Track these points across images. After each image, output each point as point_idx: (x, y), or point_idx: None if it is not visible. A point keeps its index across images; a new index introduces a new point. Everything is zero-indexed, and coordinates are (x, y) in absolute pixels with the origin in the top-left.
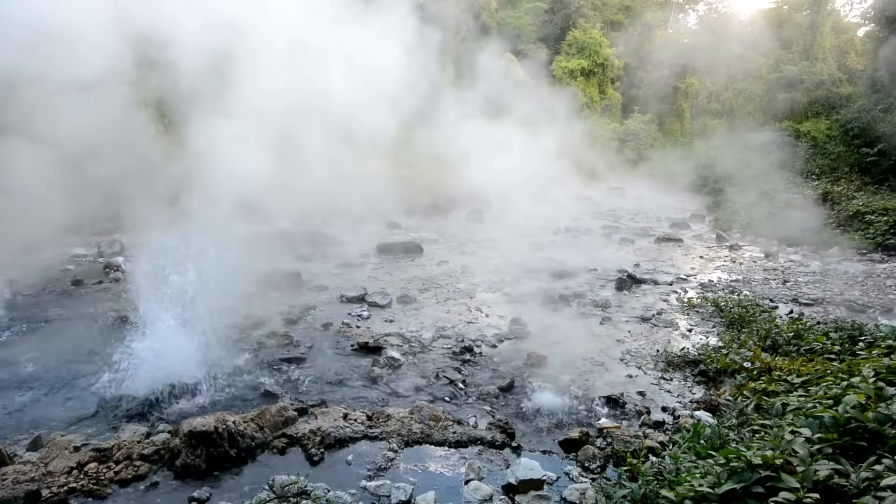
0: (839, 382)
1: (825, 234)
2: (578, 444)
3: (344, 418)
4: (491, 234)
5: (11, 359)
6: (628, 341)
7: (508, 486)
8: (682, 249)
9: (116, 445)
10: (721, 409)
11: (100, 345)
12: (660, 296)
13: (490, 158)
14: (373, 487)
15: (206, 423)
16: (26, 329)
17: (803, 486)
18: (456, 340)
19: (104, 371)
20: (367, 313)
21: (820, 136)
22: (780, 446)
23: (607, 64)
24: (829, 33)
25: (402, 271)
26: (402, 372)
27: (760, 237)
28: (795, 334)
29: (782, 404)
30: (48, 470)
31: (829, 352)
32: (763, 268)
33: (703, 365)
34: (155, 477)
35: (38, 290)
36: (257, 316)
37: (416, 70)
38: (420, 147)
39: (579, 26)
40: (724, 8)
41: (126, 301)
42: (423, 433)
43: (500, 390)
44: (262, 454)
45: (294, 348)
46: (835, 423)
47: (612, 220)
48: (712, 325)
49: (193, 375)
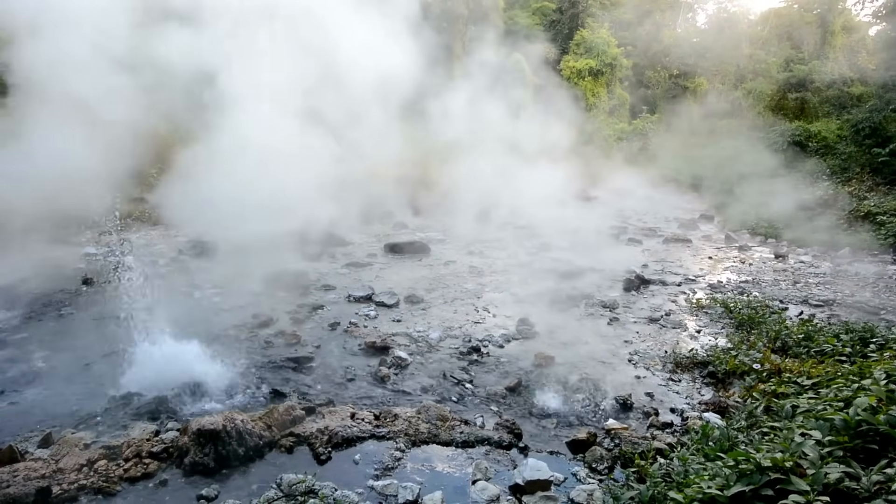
0: (850, 385)
1: (836, 235)
2: (586, 444)
3: (351, 417)
4: (498, 234)
5: (23, 356)
6: (636, 342)
7: (516, 486)
8: (691, 250)
9: (126, 443)
10: (730, 410)
11: (109, 344)
12: (668, 296)
13: (498, 158)
14: (380, 487)
15: (215, 421)
16: (37, 327)
17: (813, 489)
18: (463, 340)
19: (113, 369)
20: (374, 313)
21: (831, 136)
22: (789, 449)
23: (615, 64)
24: (840, 32)
25: (409, 271)
26: (409, 372)
27: (770, 238)
28: (806, 336)
29: (792, 406)
30: (59, 467)
31: (840, 354)
32: (773, 269)
33: (711, 366)
34: (164, 475)
35: (49, 289)
36: (265, 315)
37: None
38: (426, 146)
39: (587, 26)
40: (734, 7)
41: (134, 300)
42: (431, 433)
43: (507, 390)
44: (270, 453)
45: (302, 347)
46: (846, 426)
47: (620, 220)
48: (721, 327)
49: (202, 374)
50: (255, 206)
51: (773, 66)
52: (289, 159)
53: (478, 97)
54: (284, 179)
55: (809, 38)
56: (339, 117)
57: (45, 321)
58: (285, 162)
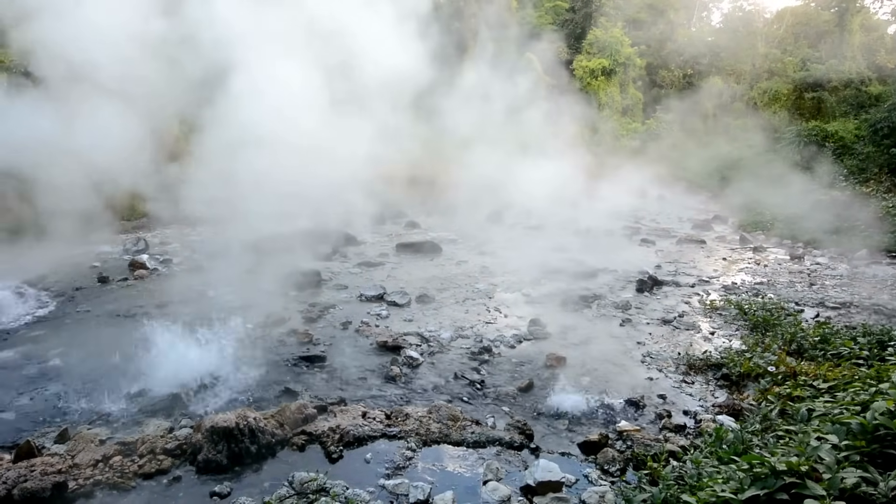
0: (867, 388)
1: (853, 236)
2: (598, 446)
3: (363, 416)
4: (510, 235)
5: (40, 353)
6: (649, 343)
7: (527, 487)
8: (705, 251)
9: (140, 440)
10: (744, 413)
11: (124, 341)
12: (681, 298)
13: (510, 158)
14: (391, 486)
15: (228, 419)
16: (54, 324)
17: (829, 494)
18: (474, 340)
19: (128, 366)
20: (386, 312)
21: (848, 136)
22: (805, 453)
23: (629, 63)
24: (858, 31)
25: (421, 271)
26: (420, 371)
27: (785, 239)
28: (822, 338)
29: (808, 410)
30: (75, 462)
31: (857, 357)
32: (788, 270)
33: (725, 368)
34: (177, 471)
35: (65, 287)
36: (278, 314)
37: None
38: (437, 146)
39: (600, 25)
40: (749, 6)
41: (151, 298)
42: (442, 433)
43: (518, 391)
44: (282, 451)
45: (314, 346)
46: (862, 430)
47: (633, 220)
48: (735, 329)
49: (216, 372)
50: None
51: (789, 65)
52: (304, 157)
53: (489, 97)
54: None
55: (827, 37)
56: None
57: (61, 318)
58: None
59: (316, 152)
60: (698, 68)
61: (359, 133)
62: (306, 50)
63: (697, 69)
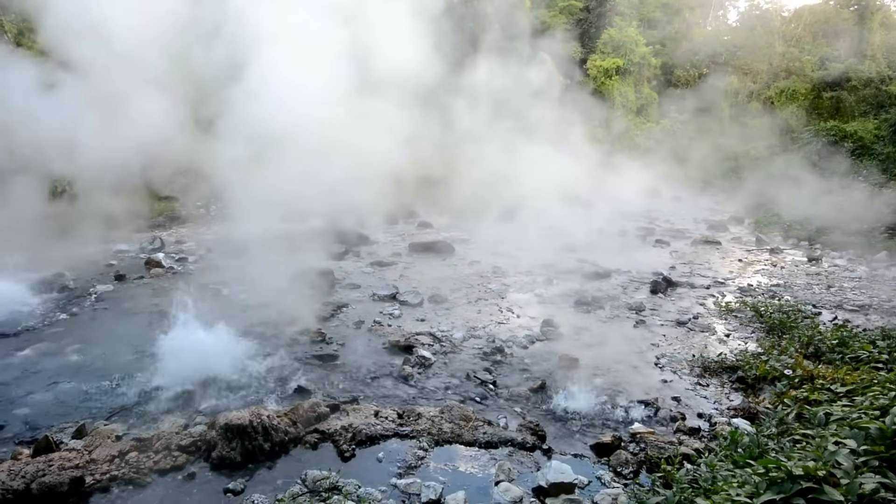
0: (886, 392)
1: (872, 238)
2: (611, 448)
3: (375, 416)
4: (523, 235)
5: (58, 349)
6: (663, 345)
7: (539, 488)
8: (720, 252)
9: (156, 436)
10: (760, 417)
11: (140, 338)
12: (696, 299)
13: (523, 159)
14: (403, 485)
15: (242, 416)
16: (72, 321)
17: (847, 500)
18: (487, 341)
19: (144, 363)
20: (398, 312)
21: (867, 136)
22: (822, 457)
23: (643, 62)
24: (878, 29)
25: (433, 271)
26: (432, 371)
27: (803, 240)
28: (840, 342)
29: (825, 414)
30: (91, 458)
31: (876, 360)
32: (805, 272)
33: (741, 371)
34: (192, 468)
35: (83, 284)
36: (291, 313)
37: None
38: (450, 146)
39: (615, 24)
40: (767, 4)
41: (166, 296)
42: (454, 433)
43: (530, 392)
44: (295, 448)
45: (326, 345)
46: (881, 435)
47: (647, 221)
48: (751, 331)
49: (230, 370)
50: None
51: (807, 64)
52: (317, 157)
53: (503, 97)
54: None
55: (846, 35)
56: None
57: (79, 315)
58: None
59: (329, 151)
60: (715, 68)
61: (372, 132)
62: (318, 47)
63: (713, 68)
